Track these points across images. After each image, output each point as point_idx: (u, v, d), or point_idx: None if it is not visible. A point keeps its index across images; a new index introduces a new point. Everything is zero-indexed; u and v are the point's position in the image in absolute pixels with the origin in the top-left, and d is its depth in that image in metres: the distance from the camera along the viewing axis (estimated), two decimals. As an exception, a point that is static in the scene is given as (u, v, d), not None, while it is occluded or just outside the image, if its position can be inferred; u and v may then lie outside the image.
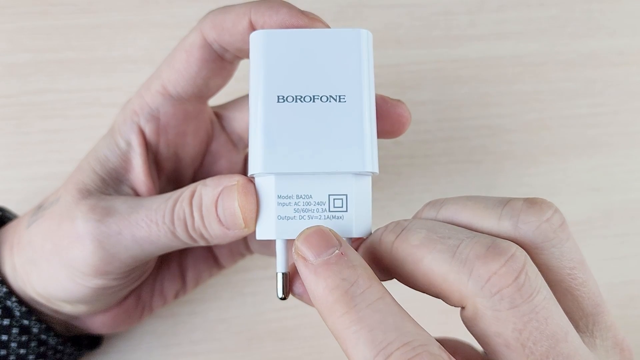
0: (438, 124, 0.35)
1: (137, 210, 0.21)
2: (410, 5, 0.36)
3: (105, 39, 0.33)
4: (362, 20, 0.35)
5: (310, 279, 0.17)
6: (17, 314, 0.23)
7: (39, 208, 0.24)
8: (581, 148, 0.35)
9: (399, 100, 0.22)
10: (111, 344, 0.29)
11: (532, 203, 0.18)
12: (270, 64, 0.19)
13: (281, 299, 0.19)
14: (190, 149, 0.25)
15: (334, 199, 0.19)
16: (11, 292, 0.23)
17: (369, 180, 0.19)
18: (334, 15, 0.36)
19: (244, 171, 0.28)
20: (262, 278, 0.31)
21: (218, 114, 0.26)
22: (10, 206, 0.28)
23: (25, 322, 0.23)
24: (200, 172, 0.27)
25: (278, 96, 0.18)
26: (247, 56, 0.22)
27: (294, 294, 0.20)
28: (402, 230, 0.18)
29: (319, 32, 0.19)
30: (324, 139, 0.18)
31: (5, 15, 0.33)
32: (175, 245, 0.22)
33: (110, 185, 0.23)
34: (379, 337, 0.15)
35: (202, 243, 0.21)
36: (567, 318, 0.17)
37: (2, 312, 0.23)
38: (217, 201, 0.20)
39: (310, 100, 0.18)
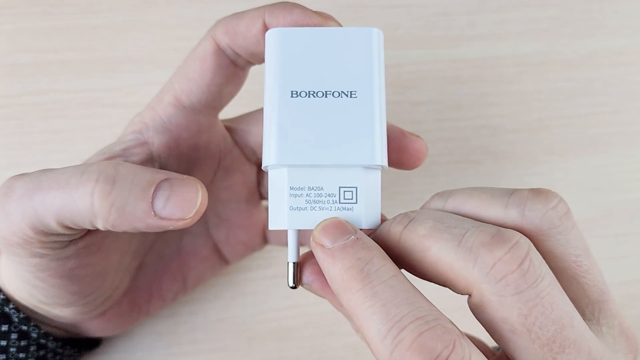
0: (438, 123, 0.35)
1: (46, 173, 0.19)
2: (409, 5, 0.36)
3: (106, 39, 0.33)
4: (362, 21, 0.35)
5: (328, 262, 0.17)
6: (16, 320, 0.23)
7: None
8: (581, 148, 0.35)
9: (418, 136, 0.22)
10: (112, 344, 0.29)
11: (538, 192, 0.18)
12: (284, 61, 0.19)
13: (292, 287, 0.20)
14: (202, 164, 0.25)
15: (344, 191, 0.19)
16: (8, 299, 0.23)
17: (378, 174, 0.20)
18: (334, 16, 0.36)
19: (257, 184, 0.28)
20: (262, 278, 0.31)
21: (231, 128, 0.26)
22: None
23: (24, 327, 0.23)
24: (211, 187, 0.26)
25: (292, 91, 0.19)
26: (259, 61, 0.22)
27: (302, 284, 0.21)
28: (410, 222, 0.18)
29: (332, 31, 0.20)
30: (335, 132, 0.19)
31: (6, 16, 0.33)
32: (73, 215, 0.18)
33: None
34: (393, 311, 0.16)
35: (102, 222, 0.18)
36: (572, 304, 0.17)
37: (0, 318, 0.23)
38: (162, 181, 0.18)
39: (323, 95, 0.19)
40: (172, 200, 0.18)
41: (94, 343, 0.28)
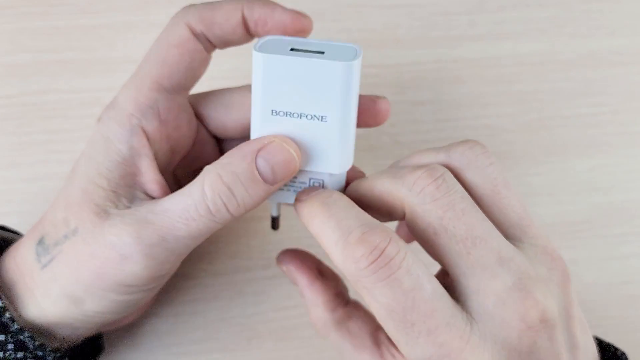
0: (438, 123, 0.35)
1: (168, 215, 0.22)
2: (409, 5, 0.36)
3: (106, 39, 0.33)
4: (362, 21, 0.36)
5: (302, 205, 0.22)
6: (13, 329, 0.23)
7: (49, 244, 0.23)
8: (581, 148, 0.35)
9: (384, 98, 0.25)
10: (112, 344, 0.29)
11: (464, 141, 0.23)
12: (267, 84, 0.22)
13: (273, 229, 0.27)
14: (183, 141, 0.26)
15: (313, 182, 0.24)
16: (5, 308, 0.23)
17: (343, 174, 0.24)
18: (334, 16, 0.36)
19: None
20: (262, 278, 0.31)
21: (195, 104, 0.26)
22: (12, 206, 0.28)
23: (21, 337, 0.23)
24: (182, 162, 0.27)
25: (272, 110, 0.22)
26: (226, 47, 0.25)
27: (282, 270, 0.27)
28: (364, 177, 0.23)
29: (311, 61, 0.22)
30: (307, 146, 0.22)
31: (6, 16, 0.33)
32: (214, 229, 0.23)
33: (122, 194, 0.23)
34: (344, 223, 0.20)
35: (232, 216, 0.22)
36: (484, 216, 0.20)
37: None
38: (256, 158, 0.22)
39: (298, 117, 0.22)
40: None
41: (94, 353, 0.28)
